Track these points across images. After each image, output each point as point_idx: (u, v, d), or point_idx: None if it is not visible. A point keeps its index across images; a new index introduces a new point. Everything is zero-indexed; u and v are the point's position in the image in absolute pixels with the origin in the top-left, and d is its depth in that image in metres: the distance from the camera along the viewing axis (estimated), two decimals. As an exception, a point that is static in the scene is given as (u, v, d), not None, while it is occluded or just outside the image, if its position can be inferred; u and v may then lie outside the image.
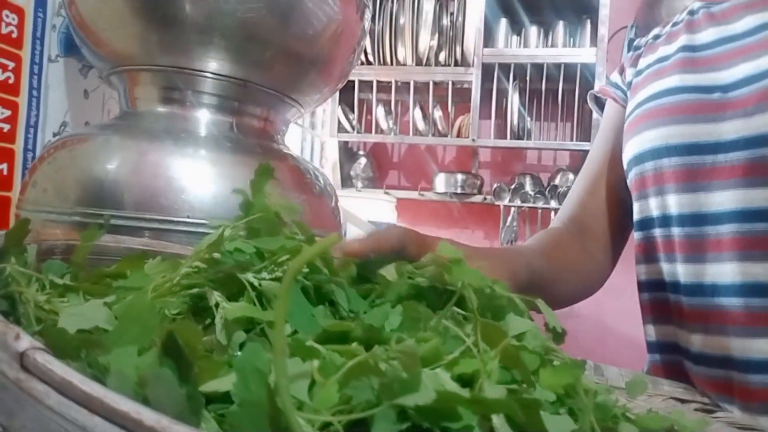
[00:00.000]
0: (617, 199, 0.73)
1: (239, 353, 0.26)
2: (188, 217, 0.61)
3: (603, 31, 2.19)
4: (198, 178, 0.64)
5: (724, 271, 0.56)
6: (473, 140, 2.36)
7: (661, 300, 0.64)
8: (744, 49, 0.59)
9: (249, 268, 0.29)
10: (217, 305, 0.28)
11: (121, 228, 0.60)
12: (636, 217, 0.68)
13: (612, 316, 2.21)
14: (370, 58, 2.46)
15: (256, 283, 0.29)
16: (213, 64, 0.71)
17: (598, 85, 2.19)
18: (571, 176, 2.41)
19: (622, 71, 0.77)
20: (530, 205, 2.36)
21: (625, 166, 0.68)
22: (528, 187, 2.42)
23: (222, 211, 0.62)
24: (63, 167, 0.69)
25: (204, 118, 0.73)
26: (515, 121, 2.33)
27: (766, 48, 0.56)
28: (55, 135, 0.93)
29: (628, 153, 0.67)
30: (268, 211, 0.34)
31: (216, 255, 0.30)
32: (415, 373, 0.20)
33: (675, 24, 0.70)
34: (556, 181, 2.42)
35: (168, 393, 0.18)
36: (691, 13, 0.68)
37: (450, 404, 0.19)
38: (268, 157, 0.75)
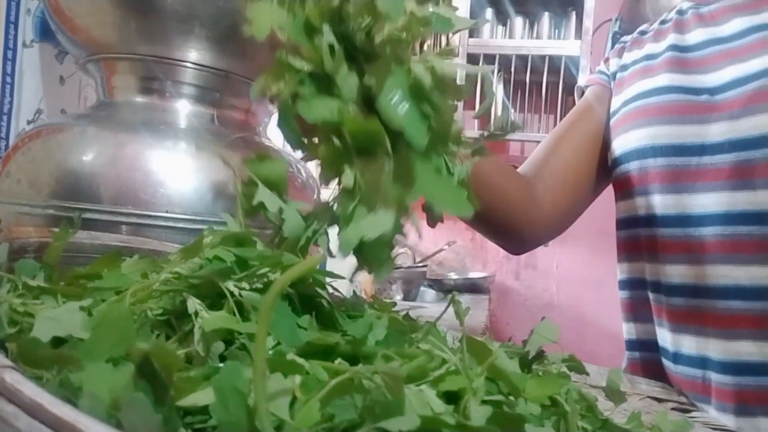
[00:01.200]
0: (578, 161, 0.70)
1: (219, 365, 0.26)
2: (167, 211, 0.60)
3: (588, 23, 2.20)
4: (177, 172, 0.63)
5: (708, 273, 0.57)
6: (457, 131, 2.35)
7: (641, 298, 0.65)
8: (731, 51, 0.59)
9: (229, 276, 0.29)
10: (196, 314, 0.28)
11: (98, 223, 0.59)
12: (620, 215, 0.68)
13: (591, 308, 2.23)
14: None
15: (236, 292, 0.28)
16: (194, 53, 0.69)
17: (582, 77, 2.20)
18: (553, 168, 2.42)
19: (606, 61, 0.76)
20: (512, 196, 2.36)
21: (610, 164, 0.68)
22: (511, 179, 2.43)
23: (202, 206, 0.61)
24: (37, 158, 0.67)
25: (184, 109, 0.71)
26: (499, 113, 2.33)
27: (753, 51, 0.57)
28: (29, 122, 0.91)
29: (614, 151, 0.67)
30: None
31: (196, 261, 0.30)
32: (399, 397, 0.19)
33: (663, 22, 0.70)
34: (539, 173, 2.43)
35: (143, 418, 0.18)
36: (680, 12, 0.68)
37: (434, 428, 0.19)
38: (250, 150, 0.73)
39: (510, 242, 0.72)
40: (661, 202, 0.60)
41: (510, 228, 0.67)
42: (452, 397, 0.24)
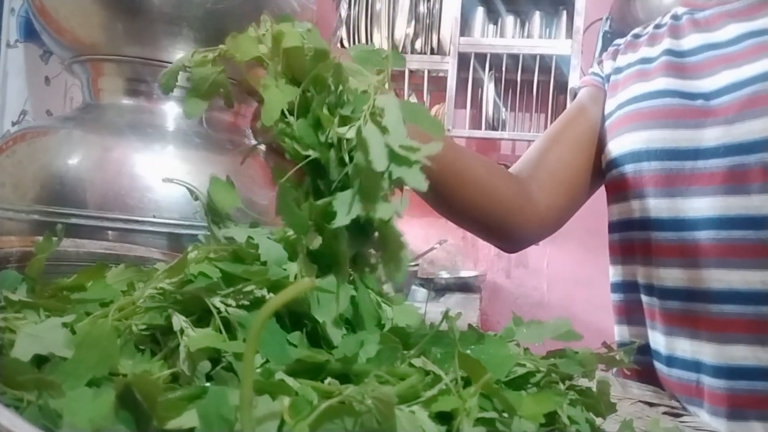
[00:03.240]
0: (571, 160, 0.70)
1: (206, 385, 0.25)
2: (154, 216, 0.59)
3: (579, 22, 2.20)
4: (165, 176, 0.62)
5: (702, 277, 0.57)
6: (448, 130, 2.35)
7: (634, 302, 0.65)
8: (727, 57, 0.59)
9: (216, 292, 0.28)
10: (182, 331, 0.27)
11: (84, 228, 0.58)
12: (613, 218, 0.68)
13: (582, 306, 2.24)
14: (345, 43, 2.42)
15: (222, 309, 0.27)
16: (181, 55, 0.68)
17: (573, 76, 2.20)
18: (544, 167, 2.43)
19: (600, 63, 0.76)
20: (504, 195, 2.36)
21: (604, 167, 0.68)
22: (502, 178, 2.43)
23: (190, 211, 0.60)
24: (22, 161, 0.65)
25: (172, 111, 0.70)
26: (490, 112, 2.33)
27: (748, 57, 0.57)
28: (14, 124, 0.89)
29: (608, 154, 0.67)
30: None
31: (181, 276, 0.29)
32: (391, 423, 0.19)
33: (658, 26, 0.70)
34: (530, 172, 2.43)
35: (124, 450, 0.17)
36: (675, 18, 0.68)
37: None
38: (239, 153, 0.72)
39: (504, 241, 0.71)
40: (655, 206, 0.60)
41: (504, 228, 0.67)
42: (445, 418, 0.23)
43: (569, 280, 2.30)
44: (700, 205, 0.57)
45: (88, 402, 0.20)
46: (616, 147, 0.65)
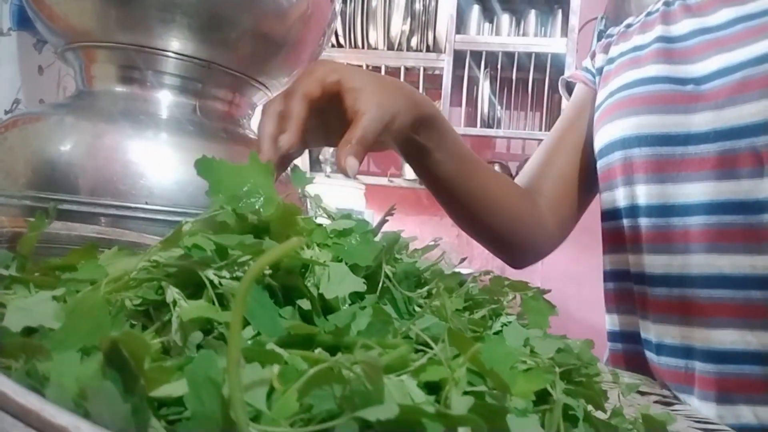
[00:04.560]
0: (573, 171, 0.72)
1: (196, 355, 0.25)
2: (146, 203, 0.59)
3: (574, 21, 2.21)
4: (158, 163, 0.62)
5: (690, 263, 0.57)
6: (444, 127, 2.35)
7: (625, 290, 0.65)
8: (718, 41, 0.59)
9: (209, 264, 0.28)
10: (174, 303, 0.27)
11: (76, 214, 0.57)
12: (604, 207, 0.68)
13: (574, 303, 2.25)
14: (341, 40, 2.42)
15: (216, 281, 0.27)
16: (175, 42, 0.68)
17: (568, 74, 2.21)
18: (538, 165, 2.43)
19: (593, 56, 0.77)
20: (498, 193, 2.37)
21: (596, 155, 0.69)
22: (496, 176, 2.43)
23: (183, 198, 0.60)
24: (14, 147, 0.65)
25: (165, 99, 0.70)
26: (485, 110, 2.33)
27: (739, 41, 0.57)
28: (7, 113, 0.89)
29: (598, 142, 0.67)
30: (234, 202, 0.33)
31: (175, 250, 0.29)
32: (378, 387, 0.19)
33: (649, 14, 0.70)
34: (524, 170, 2.44)
35: (111, 407, 0.17)
36: (667, 4, 0.68)
37: (414, 418, 0.18)
38: (233, 142, 0.72)
39: (514, 256, 0.74)
40: (645, 192, 0.61)
41: (515, 244, 0.70)
42: (434, 388, 0.23)
43: (562, 277, 2.31)
44: (691, 191, 0.57)
45: (75, 364, 0.20)
46: (607, 134, 0.65)
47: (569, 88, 0.83)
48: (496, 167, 2.50)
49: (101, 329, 0.25)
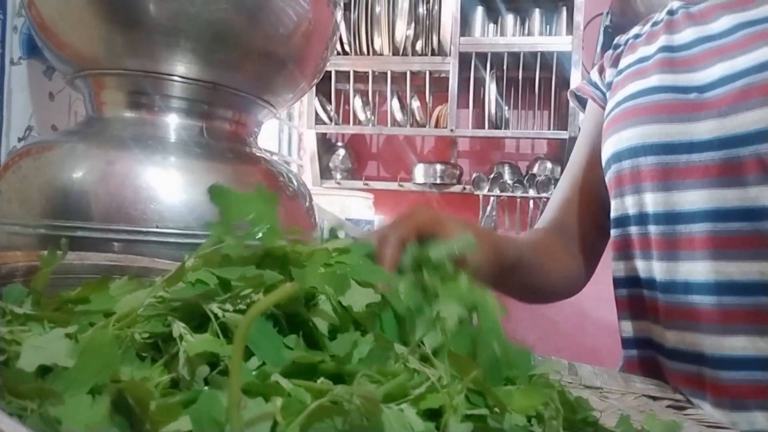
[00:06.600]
0: (598, 200, 0.73)
1: (203, 389, 0.26)
2: (157, 227, 0.60)
3: (579, 18, 2.20)
4: (167, 187, 0.63)
5: (698, 270, 0.57)
6: (451, 130, 2.35)
7: (637, 296, 0.65)
8: (721, 49, 0.59)
9: (213, 298, 0.29)
10: (181, 337, 0.28)
11: (89, 240, 0.59)
12: (613, 214, 0.68)
13: (590, 302, 2.22)
14: (347, 47, 2.43)
15: (220, 314, 0.28)
16: (180, 67, 0.69)
17: (575, 72, 2.20)
18: (549, 165, 2.42)
19: (602, 71, 0.77)
20: (509, 194, 2.37)
21: (603, 164, 0.69)
22: (506, 177, 2.43)
23: (193, 220, 0.61)
24: (28, 176, 0.67)
25: (173, 123, 0.71)
26: (493, 111, 2.33)
27: (741, 48, 0.57)
28: (20, 140, 0.91)
29: (606, 151, 0.67)
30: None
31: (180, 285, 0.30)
32: (376, 419, 0.19)
33: (655, 24, 0.71)
34: (535, 170, 2.43)
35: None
36: (671, 13, 0.68)
37: (412, 451, 0.19)
38: (239, 161, 0.73)
39: (566, 295, 0.77)
40: (652, 200, 0.61)
41: (564, 288, 0.75)
42: (434, 415, 0.24)
43: (578, 276, 2.29)
44: (695, 198, 0.57)
45: (85, 408, 0.21)
46: (614, 143, 0.65)
47: (579, 99, 0.83)
48: (506, 168, 2.49)
49: (111, 366, 0.26)
